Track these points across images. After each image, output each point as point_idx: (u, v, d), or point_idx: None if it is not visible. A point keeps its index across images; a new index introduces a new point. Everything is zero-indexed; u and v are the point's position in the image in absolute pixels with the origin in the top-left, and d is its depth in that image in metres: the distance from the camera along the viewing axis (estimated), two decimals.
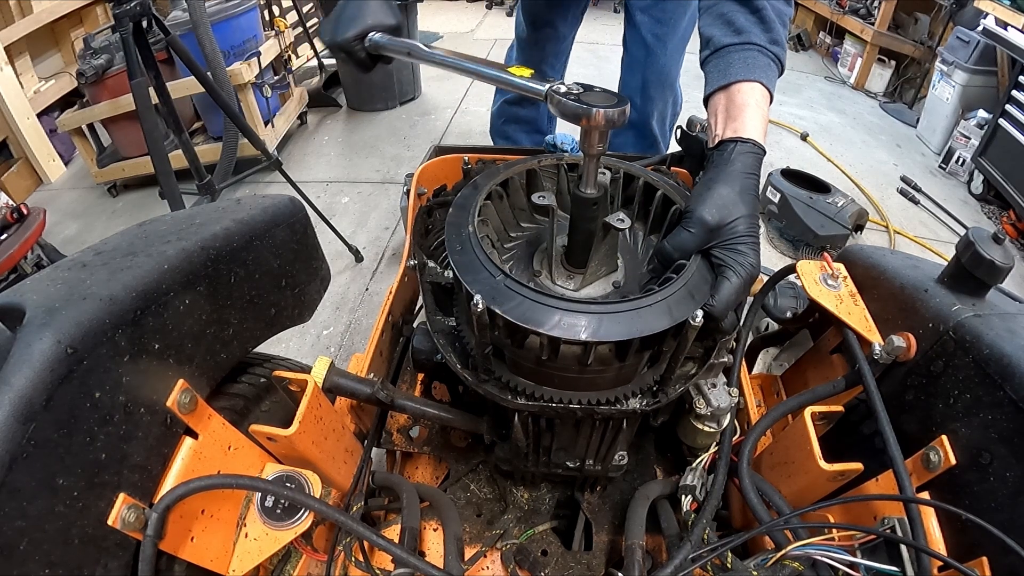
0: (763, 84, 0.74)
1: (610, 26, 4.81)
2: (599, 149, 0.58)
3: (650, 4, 1.62)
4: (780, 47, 0.77)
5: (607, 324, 0.56)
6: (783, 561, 0.61)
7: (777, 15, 0.78)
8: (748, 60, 0.75)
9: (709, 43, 0.80)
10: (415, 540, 0.73)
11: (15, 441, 0.44)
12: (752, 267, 0.64)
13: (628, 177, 0.80)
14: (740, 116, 0.72)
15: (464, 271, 0.61)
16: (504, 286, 0.59)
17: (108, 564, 0.53)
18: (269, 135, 2.79)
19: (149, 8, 1.56)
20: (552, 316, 0.56)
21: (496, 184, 0.75)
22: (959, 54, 3.01)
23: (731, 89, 0.74)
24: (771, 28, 0.76)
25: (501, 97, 1.96)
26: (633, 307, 0.58)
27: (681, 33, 1.67)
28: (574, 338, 0.55)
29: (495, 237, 0.75)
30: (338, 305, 2.12)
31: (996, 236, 0.68)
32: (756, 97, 0.73)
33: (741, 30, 0.76)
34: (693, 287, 0.62)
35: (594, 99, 0.55)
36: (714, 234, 0.64)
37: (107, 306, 0.53)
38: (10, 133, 2.71)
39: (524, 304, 0.57)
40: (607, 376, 0.64)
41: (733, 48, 0.76)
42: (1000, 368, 0.58)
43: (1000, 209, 2.80)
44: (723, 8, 0.79)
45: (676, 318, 0.58)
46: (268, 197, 0.82)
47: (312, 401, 0.70)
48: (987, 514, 0.53)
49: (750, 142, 0.69)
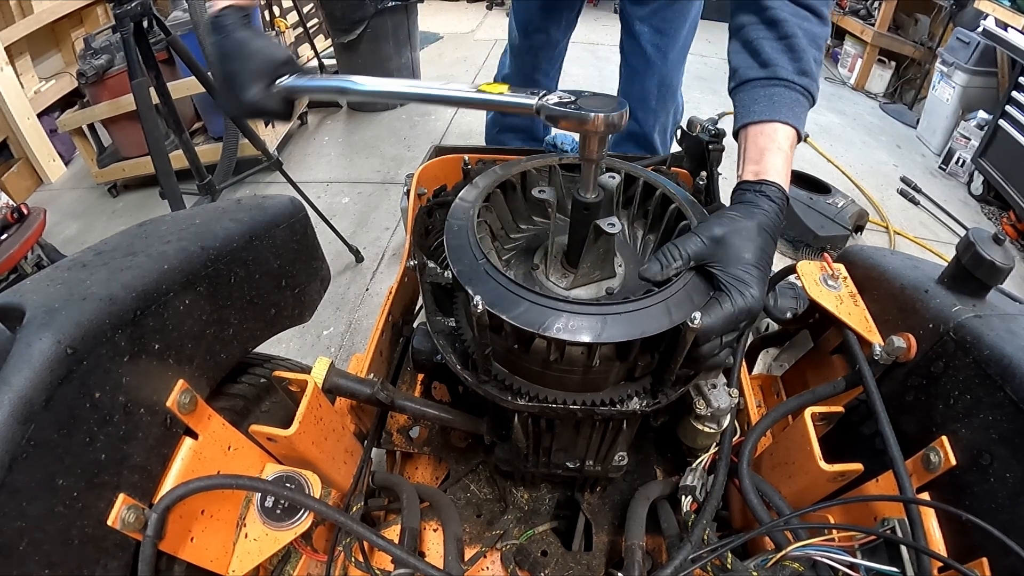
0: (788, 124, 0.71)
1: (610, 26, 4.81)
2: (599, 154, 0.58)
3: (649, 14, 1.55)
4: (810, 78, 0.74)
5: (584, 322, 0.56)
6: (783, 562, 0.61)
7: (811, 40, 0.74)
8: (773, 97, 0.72)
9: (735, 74, 0.77)
10: (415, 540, 0.73)
11: (15, 441, 0.44)
12: (753, 298, 0.59)
13: (629, 178, 0.80)
14: (762, 159, 0.69)
15: (463, 272, 0.61)
16: (489, 278, 0.59)
17: (108, 564, 0.53)
18: (269, 135, 2.79)
19: (150, 8, 1.56)
20: (546, 316, 0.56)
21: (496, 184, 0.74)
22: (959, 55, 3.01)
23: (751, 129, 0.72)
24: (800, 58, 0.73)
25: None
26: (632, 309, 0.58)
27: (682, 43, 1.62)
28: (563, 339, 0.55)
29: (495, 237, 0.75)
30: (338, 305, 2.12)
31: (996, 237, 0.68)
32: (779, 139, 0.70)
33: (767, 62, 0.73)
34: (692, 289, 0.62)
35: (591, 104, 0.55)
36: (720, 250, 0.61)
37: (107, 306, 0.53)
38: (10, 133, 2.71)
39: (506, 297, 0.57)
40: (607, 377, 0.64)
41: (758, 83, 0.73)
42: (1000, 369, 0.58)
43: (1000, 210, 2.80)
44: (751, 34, 0.76)
45: (675, 320, 0.58)
46: (268, 197, 0.82)
47: (312, 401, 0.70)
48: (987, 515, 0.53)
49: (774, 185, 0.67)
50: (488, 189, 0.73)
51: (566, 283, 0.68)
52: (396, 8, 3.06)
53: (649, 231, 0.79)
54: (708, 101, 3.61)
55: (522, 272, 0.72)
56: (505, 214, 0.78)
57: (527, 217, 0.81)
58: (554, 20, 1.64)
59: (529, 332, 0.56)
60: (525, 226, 0.80)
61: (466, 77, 3.90)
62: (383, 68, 3.29)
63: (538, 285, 0.68)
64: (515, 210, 0.80)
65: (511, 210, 0.79)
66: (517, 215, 0.80)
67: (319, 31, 3.81)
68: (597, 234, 0.63)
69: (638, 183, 0.79)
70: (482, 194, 0.71)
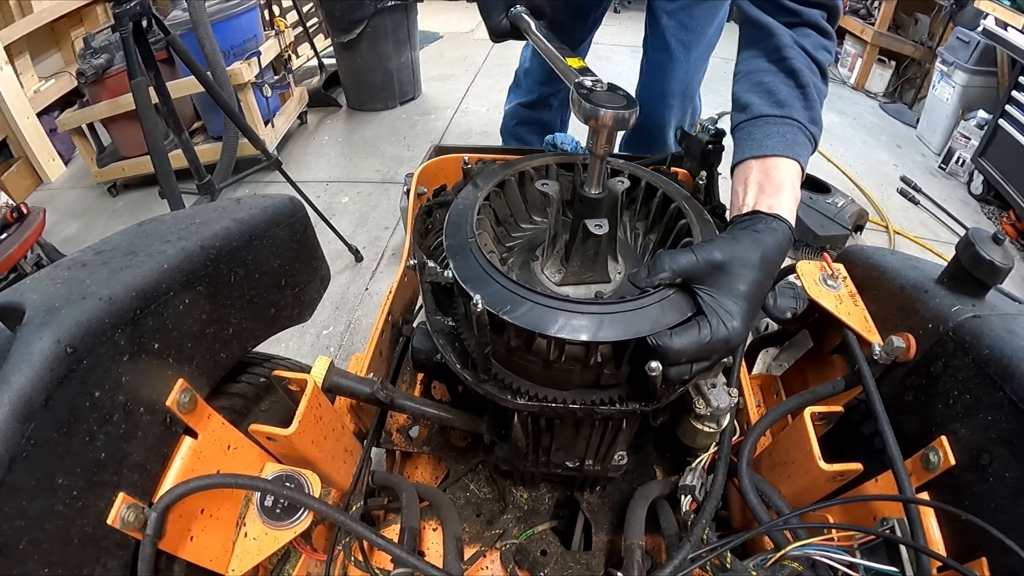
0: (798, 162, 0.71)
1: (610, 26, 4.80)
2: (606, 149, 0.58)
3: (677, 8, 1.51)
4: (818, 128, 0.74)
5: (543, 313, 0.57)
6: (782, 561, 0.61)
7: (818, 94, 0.75)
8: (787, 135, 0.72)
9: (746, 109, 0.76)
10: (414, 540, 0.73)
11: (15, 440, 0.44)
12: (733, 331, 0.56)
13: (633, 179, 0.80)
14: (777, 194, 0.68)
15: (463, 272, 0.61)
16: (483, 270, 0.59)
17: (107, 563, 0.53)
18: (269, 135, 2.79)
19: (149, 8, 1.56)
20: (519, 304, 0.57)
21: (495, 185, 0.75)
22: (959, 54, 3.01)
23: (767, 162, 0.71)
24: (812, 107, 0.74)
25: (515, 99, 1.90)
26: (628, 308, 0.58)
27: (707, 41, 1.58)
28: (544, 332, 0.56)
29: (495, 236, 0.75)
30: (338, 305, 2.12)
31: (996, 237, 0.68)
32: (792, 177, 0.70)
33: (783, 103, 0.73)
34: (668, 305, 0.61)
35: (604, 99, 0.55)
36: (715, 275, 0.59)
37: (107, 305, 0.53)
38: (10, 132, 2.71)
39: (504, 293, 0.58)
40: (607, 376, 0.64)
41: (771, 119, 0.73)
42: (1000, 369, 0.58)
43: (1000, 209, 2.80)
44: (765, 77, 0.76)
45: (669, 321, 0.58)
46: (268, 197, 0.82)
47: (312, 401, 0.70)
48: (987, 515, 0.53)
49: (786, 223, 0.65)
50: (488, 188, 0.73)
51: (558, 278, 0.68)
52: (396, 8, 3.06)
53: (650, 230, 0.79)
54: (708, 101, 3.56)
55: (519, 263, 0.72)
56: (506, 213, 0.78)
57: (535, 213, 0.81)
58: (580, 20, 1.61)
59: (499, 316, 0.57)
60: (526, 225, 0.80)
61: (466, 77, 3.90)
62: (383, 68, 3.29)
63: (532, 276, 0.69)
64: (515, 209, 0.80)
65: (511, 209, 0.79)
66: (517, 214, 0.80)
67: (319, 31, 3.81)
68: (585, 234, 0.63)
69: (640, 184, 0.80)
70: (482, 193, 0.71)
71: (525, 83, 1.83)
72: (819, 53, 0.77)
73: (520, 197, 0.79)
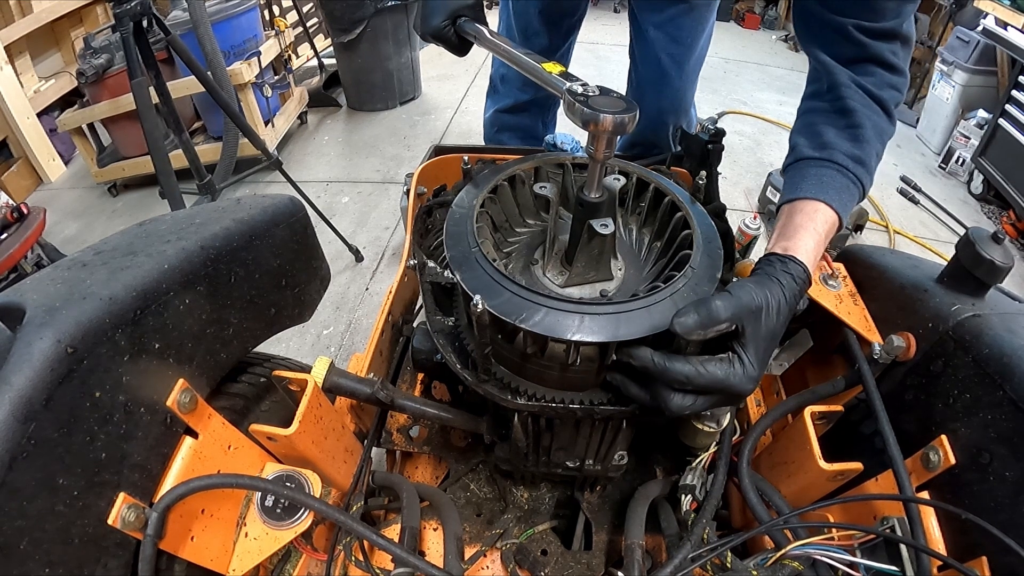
0: (830, 205, 0.70)
1: (610, 25, 4.80)
2: (605, 154, 0.58)
3: (665, 21, 1.41)
4: (865, 168, 0.73)
5: (589, 323, 0.57)
6: (783, 561, 0.62)
7: (877, 134, 0.74)
8: (823, 178, 0.72)
9: (793, 151, 0.77)
10: (415, 540, 0.73)
11: (15, 440, 0.44)
12: (748, 379, 0.57)
13: (623, 174, 0.80)
14: (795, 236, 0.68)
15: (471, 283, 0.61)
16: (492, 279, 0.59)
17: (108, 563, 0.53)
18: (269, 135, 2.79)
19: (149, 8, 1.56)
20: (535, 311, 0.57)
21: (494, 185, 0.74)
22: (959, 54, 3.01)
23: (795, 204, 0.71)
24: (862, 148, 0.73)
25: (493, 105, 1.82)
26: (642, 305, 0.58)
27: (698, 53, 1.50)
28: (562, 336, 0.56)
29: (494, 235, 0.75)
30: (338, 305, 2.12)
31: (996, 236, 0.68)
32: (817, 219, 0.70)
33: (826, 145, 0.74)
34: (699, 281, 0.62)
35: (602, 103, 0.55)
36: (746, 322, 0.58)
37: (107, 306, 0.53)
38: (10, 133, 2.71)
39: (516, 301, 0.58)
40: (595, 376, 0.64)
41: (812, 162, 0.74)
42: (1000, 368, 0.58)
43: (1000, 209, 2.80)
44: (818, 118, 0.76)
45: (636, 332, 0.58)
46: (268, 197, 0.82)
47: (312, 401, 0.70)
48: (987, 514, 0.53)
49: (801, 266, 0.65)
50: (488, 188, 0.73)
51: (561, 280, 0.68)
52: (396, 8, 3.07)
53: (644, 226, 0.79)
54: (708, 101, 3.60)
55: (519, 268, 0.72)
56: (506, 212, 0.78)
57: (528, 216, 0.81)
58: (554, 26, 1.55)
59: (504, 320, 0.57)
60: (521, 228, 0.80)
61: (465, 76, 3.90)
62: (383, 68, 3.29)
63: (535, 280, 0.69)
64: (516, 209, 0.80)
65: (506, 214, 0.79)
66: (518, 214, 0.80)
67: (319, 31, 3.81)
68: (591, 234, 0.63)
69: (644, 186, 0.80)
70: (478, 201, 0.71)
71: (503, 88, 1.75)
72: (883, 91, 0.76)
73: (513, 201, 0.79)
